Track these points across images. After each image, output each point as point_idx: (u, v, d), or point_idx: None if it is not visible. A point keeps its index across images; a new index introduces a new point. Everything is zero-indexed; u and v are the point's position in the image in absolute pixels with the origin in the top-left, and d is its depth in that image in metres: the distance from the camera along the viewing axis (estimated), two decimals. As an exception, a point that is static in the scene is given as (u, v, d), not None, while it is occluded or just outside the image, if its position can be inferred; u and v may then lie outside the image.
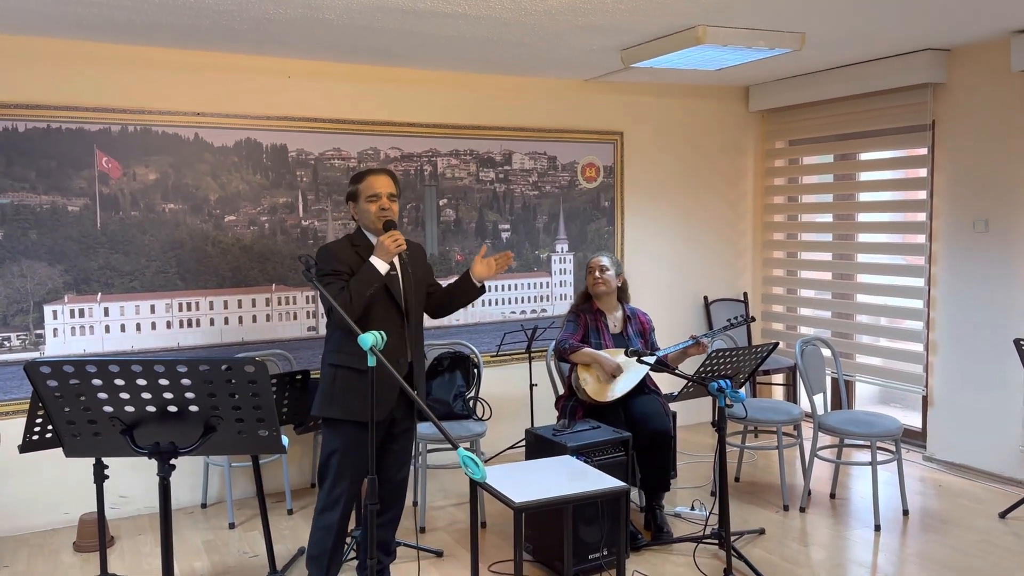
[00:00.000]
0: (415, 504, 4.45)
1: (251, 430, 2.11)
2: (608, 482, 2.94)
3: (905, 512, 4.29)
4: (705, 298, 6.08)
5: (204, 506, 4.57)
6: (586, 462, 3.43)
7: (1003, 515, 4.21)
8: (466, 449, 2.13)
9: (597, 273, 4.15)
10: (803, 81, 5.53)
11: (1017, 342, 4.05)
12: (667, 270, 5.96)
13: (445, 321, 5.18)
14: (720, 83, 5.86)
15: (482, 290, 3.36)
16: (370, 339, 2.39)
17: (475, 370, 4.44)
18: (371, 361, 2.42)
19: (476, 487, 2.99)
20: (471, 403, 4.39)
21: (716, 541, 3.85)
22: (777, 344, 3.72)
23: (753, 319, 4.26)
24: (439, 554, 3.86)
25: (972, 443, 4.86)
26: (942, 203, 4.97)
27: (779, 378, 6.16)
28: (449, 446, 4.23)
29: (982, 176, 4.73)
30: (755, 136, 6.21)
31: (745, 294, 6.22)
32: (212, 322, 4.58)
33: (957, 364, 4.93)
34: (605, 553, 3.60)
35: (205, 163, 4.52)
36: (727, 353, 3.52)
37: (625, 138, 5.73)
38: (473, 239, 5.27)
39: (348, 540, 3.85)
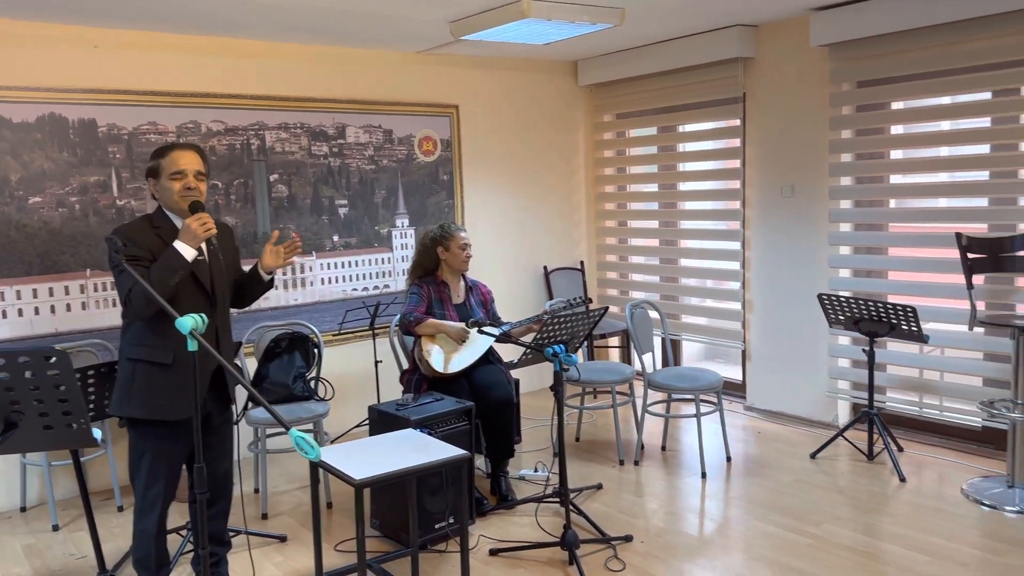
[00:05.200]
0: (256, 491, 4.32)
1: (58, 424, 1.97)
2: (450, 452, 2.98)
3: (728, 459, 4.64)
4: (545, 268, 6.25)
5: (23, 509, 4.24)
6: (430, 434, 3.46)
7: (814, 455, 4.64)
8: (307, 431, 2.09)
9: (469, 251, 4.19)
10: (627, 56, 5.74)
11: (820, 297, 4.44)
12: (507, 242, 6.07)
13: (283, 301, 5.04)
14: (551, 58, 5.99)
15: (270, 284, 3.11)
16: (189, 322, 2.29)
17: (315, 350, 4.35)
18: (192, 346, 2.31)
19: (316, 468, 2.95)
20: (312, 384, 4.31)
21: (557, 499, 4.00)
22: (607, 308, 3.89)
23: (590, 300, 4.40)
24: (282, 539, 3.78)
25: (786, 391, 5.30)
26: (754, 171, 5.34)
27: (615, 341, 6.45)
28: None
29: (788, 145, 5.12)
30: (585, 110, 6.40)
31: (582, 263, 6.44)
32: (21, 312, 4.22)
33: (771, 320, 5.35)
34: (451, 521, 3.67)
35: (3, 140, 4.13)
36: (561, 319, 3.65)
37: (461, 111, 5.75)
38: (309, 215, 5.14)
39: (184, 533, 3.71)
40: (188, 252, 2.77)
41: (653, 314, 5.03)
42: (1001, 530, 3.60)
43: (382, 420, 3.75)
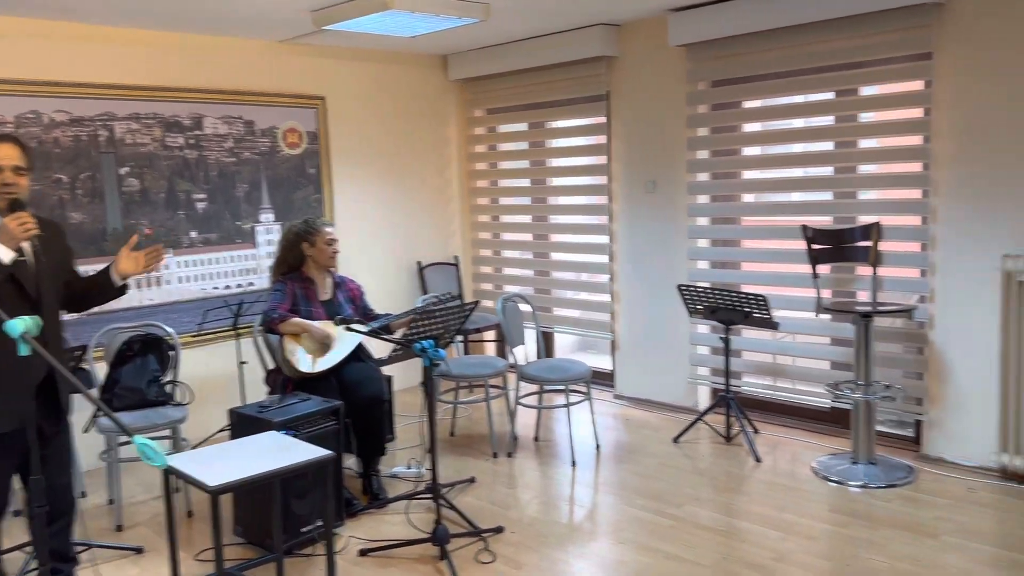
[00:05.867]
0: (111, 502, 4.08)
1: None
2: (314, 453, 2.91)
3: (598, 446, 4.76)
4: (419, 263, 6.20)
5: None
6: (295, 436, 3.36)
7: (676, 440, 4.82)
8: (163, 438, 1.98)
9: (336, 246, 4.08)
10: (496, 52, 5.77)
11: (680, 288, 4.61)
12: (380, 237, 5.98)
13: (135, 302, 4.77)
14: (420, 51, 5.94)
15: (122, 291, 2.94)
16: (20, 325, 2.12)
17: (171, 352, 4.14)
18: (23, 350, 2.14)
19: (168, 475, 2.80)
20: (168, 388, 4.10)
21: (429, 495, 3.98)
22: (477, 303, 3.90)
23: (460, 296, 4.39)
24: (139, 551, 3.59)
25: (652, 379, 5.49)
26: (619, 167, 5.49)
27: (490, 335, 6.48)
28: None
29: (650, 141, 5.29)
30: (456, 104, 6.39)
31: (456, 257, 6.43)
32: None
33: (637, 311, 5.52)
34: (319, 524, 3.58)
35: None
36: (430, 315, 3.62)
37: (328, 103, 5.61)
38: (164, 210, 4.88)
39: (28, 550, 3.45)
40: (6, 254, 2.57)
41: (526, 307, 5.08)
42: (845, 504, 3.85)
43: (243, 424, 3.61)
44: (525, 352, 5.12)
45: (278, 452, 2.91)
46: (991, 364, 3.98)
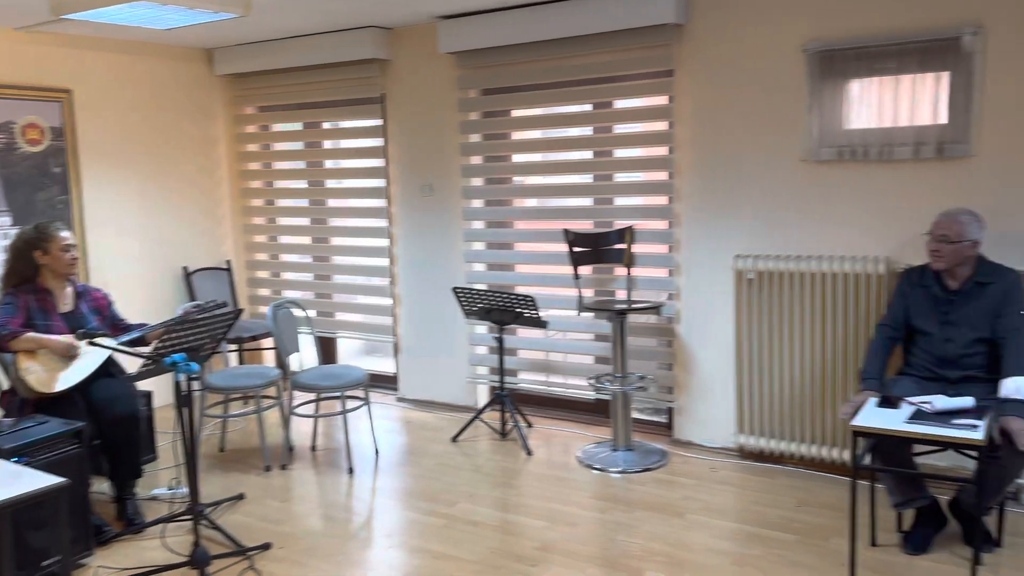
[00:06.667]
0: None
1: None
2: (45, 481, 2.66)
3: (376, 452, 4.73)
4: (186, 269, 5.84)
5: None
6: (27, 463, 3.06)
7: (455, 439, 4.90)
8: None
9: (74, 252, 3.73)
10: (266, 48, 5.57)
11: (455, 290, 4.70)
12: (139, 241, 5.57)
13: None
14: (181, 44, 5.61)
15: None
16: None
17: None
18: None
19: None
20: None
21: (189, 516, 3.77)
22: (241, 311, 3.74)
23: (225, 303, 4.15)
24: None
25: (433, 380, 5.55)
26: (397, 170, 5.49)
27: (268, 342, 6.24)
28: None
29: (426, 146, 5.34)
30: (223, 101, 6.10)
31: (229, 262, 6.14)
32: None
33: (418, 313, 5.55)
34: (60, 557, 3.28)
35: None
36: (185, 326, 3.43)
37: (75, 97, 5.15)
38: None
39: None
40: None
41: (302, 312, 4.94)
42: (606, 490, 4.11)
43: (-34, 453, 3.22)
44: (301, 360, 4.98)
45: (3, 483, 2.63)
46: (728, 354, 4.41)
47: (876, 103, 3.88)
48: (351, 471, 4.45)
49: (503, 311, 4.58)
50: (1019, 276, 3.37)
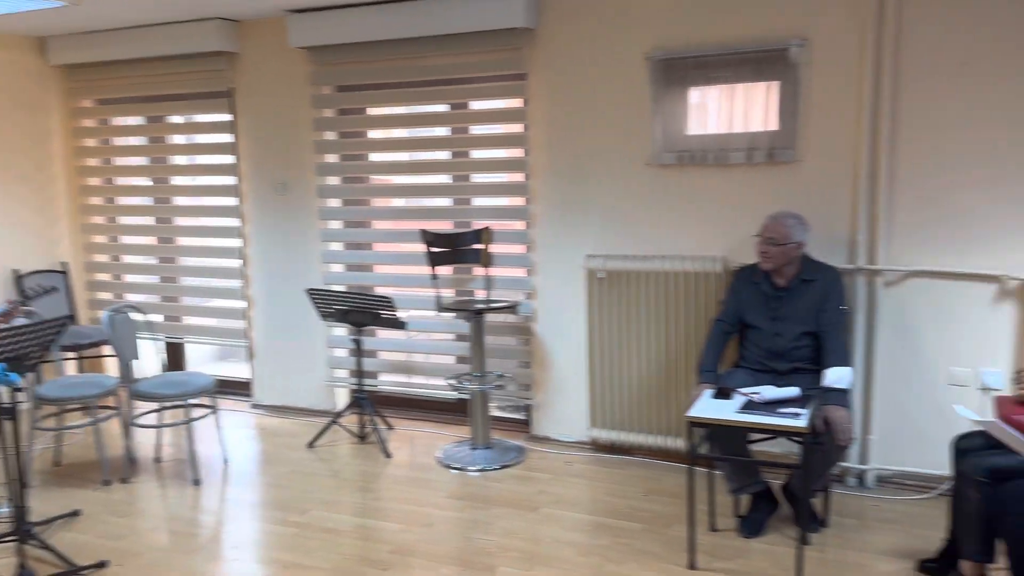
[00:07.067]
0: None
1: None
2: None
3: (226, 461, 4.56)
4: (15, 271, 5.42)
5: None
6: None
7: (311, 444, 4.79)
8: None
9: None
10: (106, 37, 5.24)
11: (309, 292, 4.59)
12: (-41, 242, 5.13)
13: None
14: (7, 30, 5.19)
15: None
16: None
17: None
18: None
19: None
20: None
21: (15, 537, 3.51)
22: (69, 318, 3.50)
23: (24, 301, 3.85)
24: None
25: (291, 385, 5.40)
26: (248, 167, 5.30)
27: (109, 350, 5.89)
28: None
29: (279, 142, 5.18)
30: (58, 92, 5.69)
31: (65, 264, 5.74)
32: None
33: (273, 316, 5.38)
34: None
35: None
36: (3, 334, 3.18)
37: None
38: None
39: None
40: None
41: (148, 317, 4.69)
42: (464, 489, 4.13)
43: None
44: (141, 367, 4.73)
45: None
46: (582, 351, 4.53)
47: (713, 110, 4.09)
48: (197, 482, 4.26)
49: (361, 312, 4.52)
50: (840, 273, 3.64)
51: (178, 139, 5.59)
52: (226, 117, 5.29)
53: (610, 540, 3.52)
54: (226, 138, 5.33)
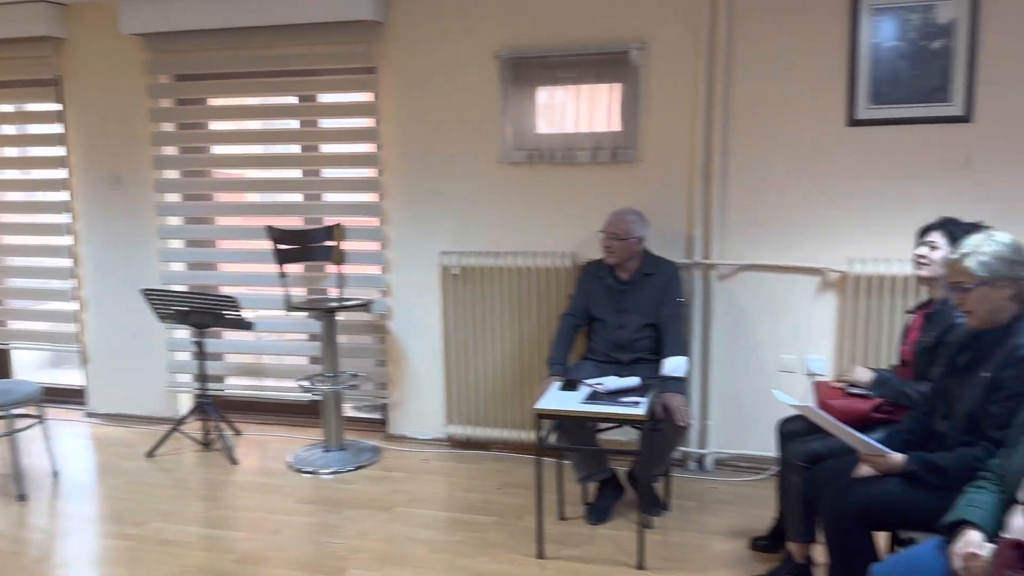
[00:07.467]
0: None
1: None
2: None
3: (56, 474, 4.24)
4: None
5: None
6: None
7: (151, 453, 4.53)
8: None
9: None
10: (-93, 14, 4.76)
11: (145, 292, 4.34)
12: None
13: None
14: None
15: None
16: None
17: None
18: None
19: None
20: None
21: None
22: None
23: None
24: None
25: (129, 392, 5.09)
26: (79, 159, 4.95)
27: (-80, 359, 5.36)
28: None
29: (112, 134, 4.86)
30: None
31: None
32: None
33: (109, 318, 5.06)
34: None
35: None
36: None
37: None
38: None
39: None
40: None
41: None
42: (315, 492, 4.02)
43: None
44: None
45: None
46: (437, 348, 4.52)
47: (560, 109, 4.18)
48: (23, 498, 3.94)
49: (202, 313, 4.31)
50: (678, 267, 3.81)
51: (7, 129, 5.15)
52: (53, 106, 4.92)
53: (463, 535, 3.53)
54: (54, 128, 4.96)
